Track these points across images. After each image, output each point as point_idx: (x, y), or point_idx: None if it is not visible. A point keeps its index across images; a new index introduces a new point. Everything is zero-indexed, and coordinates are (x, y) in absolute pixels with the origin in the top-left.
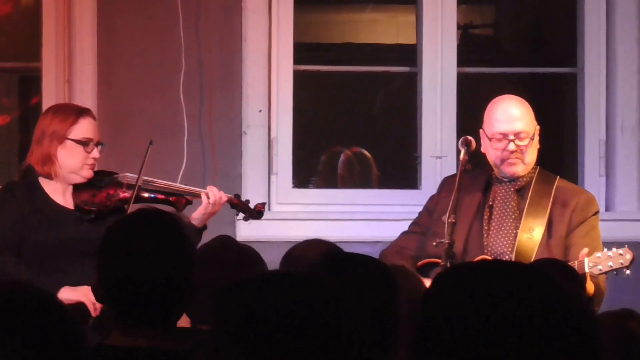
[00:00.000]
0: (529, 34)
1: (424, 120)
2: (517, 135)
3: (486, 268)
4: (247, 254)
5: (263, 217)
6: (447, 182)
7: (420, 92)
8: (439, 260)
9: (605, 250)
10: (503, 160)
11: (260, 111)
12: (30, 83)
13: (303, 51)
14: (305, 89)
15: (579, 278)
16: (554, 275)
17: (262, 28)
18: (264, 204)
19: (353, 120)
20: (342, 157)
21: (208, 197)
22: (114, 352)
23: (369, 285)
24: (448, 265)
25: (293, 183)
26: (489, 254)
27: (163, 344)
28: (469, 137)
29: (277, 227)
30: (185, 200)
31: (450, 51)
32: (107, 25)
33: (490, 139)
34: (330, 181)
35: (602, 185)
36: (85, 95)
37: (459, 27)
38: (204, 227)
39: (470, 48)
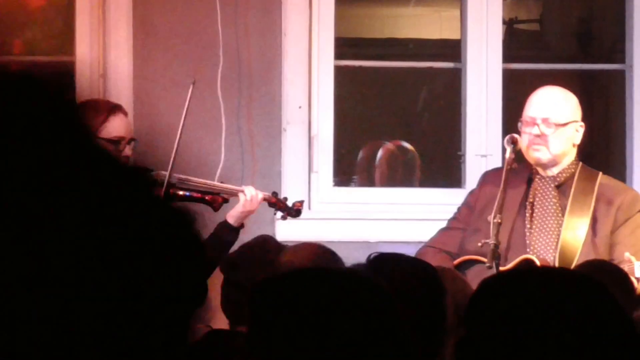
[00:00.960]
0: (576, 30)
1: (469, 118)
2: (544, 120)
3: (533, 274)
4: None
5: (303, 217)
6: (487, 177)
7: (465, 88)
8: (478, 258)
9: None
10: (529, 145)
11: (300, 107)
12: (65, 78)
13: (344, 46)
14: (346, 85)
15: (629, 281)
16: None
17: (303, 22)
18: (302, 202)
19: (396, 117)
20: (381, 151)
21: (245, 196)
22: None
23: (415, 287)
24: (493, 266)
25: (334, 181)
26: (532, 252)
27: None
28: (515, 135)
29: (318, 227)
30: (221, 199)
31: (496, 47)
32: (142, 19)
33: (523, 123)
34: (370, 177)
35: None
36: (120, 90)
37: (504, 22)
38: (241, 226)
39: (516, 44)
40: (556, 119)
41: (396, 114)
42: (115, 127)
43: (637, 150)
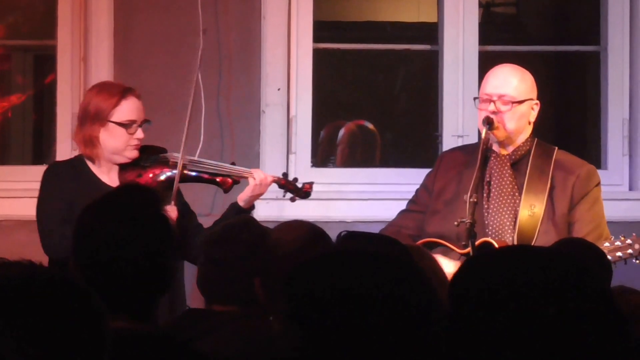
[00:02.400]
0: (552, 12)
1: (445, 99)
2: (500, 97)
3: (519, 252)
4: (266, 235)
5: (281, 197)
6: (444, 158)
7: (442, 70)
8: (439, 240)
9: (613, 238)
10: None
11: (279, 89)
12: (45, 61)
13: (323, 29)
14: (325, 67)
15: (606, 259)
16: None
17: (282, 6)
18: (311, 183)
19: (373, 98)
20: (342, 131)
21: (254, 179)
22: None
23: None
24: (469, 244)
25: (312, 162)
26: (490, 232)
27: (143, 326)
28: (491, 116)
29: (296, 207)
30: (231, 180)
31: (472, 29)
32: (123, 3)
33: (480, 100)
34: (330, 156)
35: (626, 165)
36: (101, 73)
37: (480, 5)
38: (252, 207)
39: (492, 26)
40: (512, 96)
41: (374, 95)
42: (126, 110)
43: (611, 131)
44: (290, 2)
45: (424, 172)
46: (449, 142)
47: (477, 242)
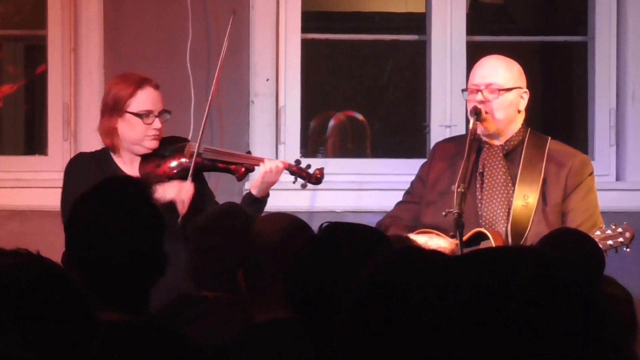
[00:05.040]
0: (539, 2)
1: (433, 89)
2: (487, 86)
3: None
4: (252, 222)
5: (278, 188)
6: (438, 149)
7: (430, 60)
8: (434, 231)
9: (604, 227)
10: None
11: (267, 80)
12: (36, 51)
13: (311, 20)
14: (313, 57)
15: (598, 249)
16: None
17: None
18: (322, 169)
19: (362, 89)
20: (332, 122)
21: (264, 166)
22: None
23: (367, 256)
24: (457, 235)
25: (301, 152)
26: (483, 223)
27: (134, 317)
28: (479, 106)
29: (285, 197)
30: (244, 169)
31: (460, 19)
32: None
33: (468, 92)
34: (320, 147)
35: (613, 155)
36: (91, 63)
37: None
38: (267, 196)
39: (479, 16)
40: (500, 85)
41: (362, 86)
42: (142, 100)
43: (599, 121)
44: None
45: (413, 162)
46: (437, 132)
47: (470, 233)
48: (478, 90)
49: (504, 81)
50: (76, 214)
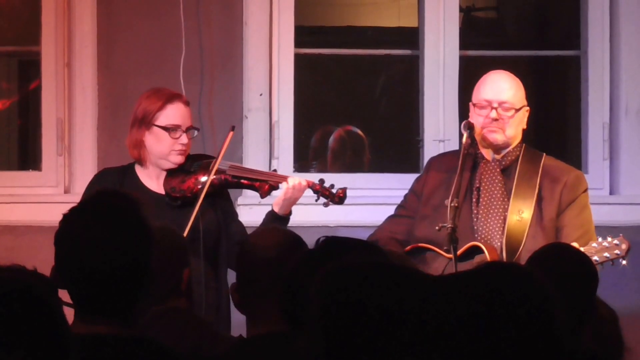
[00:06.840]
0: (532, 17)
1: (426, 104)
2: (501, 104)
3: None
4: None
5: (264, 202)
6: (432, 163)
7: (422, 75)
8: (428, 245)
9: (600, 239)
10: (483, 127)
11: (261, 95)
12: (30, 67)
13: (304, 34)
14: (306, 72)
15: (591, 264)
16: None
17: (263, 11)
18: (345, 189)
19: (355, 103)
20: (333, 136)
21: (287, 184)
22: (73, 339)
23: None
24: (451, 249)
25: (294, 167)
26: (479, 237)
27: (123, 330)
28: (472, 121)
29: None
30: (268, 186)
31: (453, 34)
32: (106, 9)
33: (475, 106)
34: (323, 162)
35: (606, 169)
36: (85, 78)
37: (461, 9)
38: (289, 214)
39: (472, 31)
40: (512, 102)
41: (355, 100)
42: (170, 115)
43: (592, 135)
44: (271, 8)
45: (406, 177)
46: (430, 146)
47: (465, 247)
48: (490, 106)
49: (515, 100)
50: (64, 227)
